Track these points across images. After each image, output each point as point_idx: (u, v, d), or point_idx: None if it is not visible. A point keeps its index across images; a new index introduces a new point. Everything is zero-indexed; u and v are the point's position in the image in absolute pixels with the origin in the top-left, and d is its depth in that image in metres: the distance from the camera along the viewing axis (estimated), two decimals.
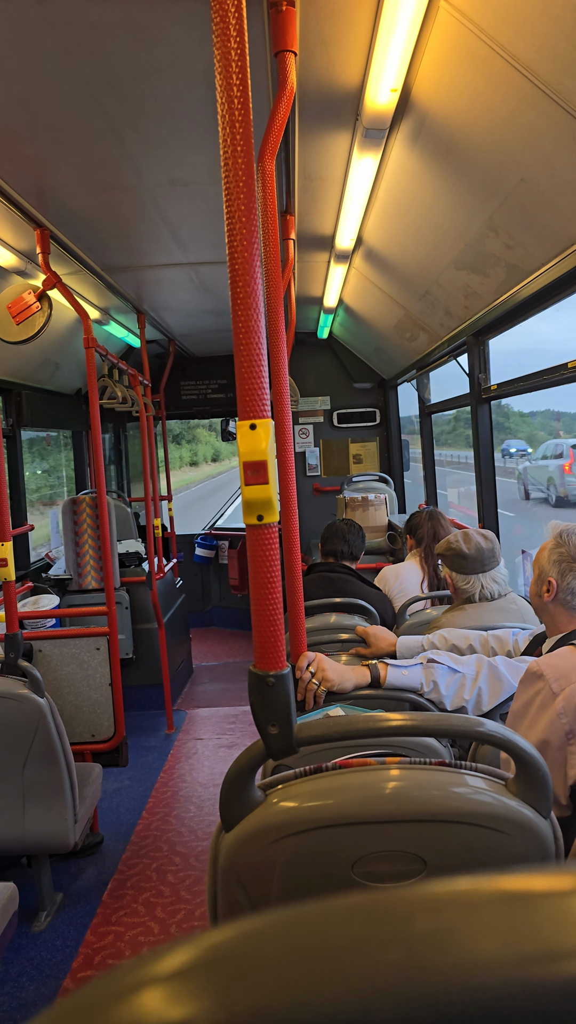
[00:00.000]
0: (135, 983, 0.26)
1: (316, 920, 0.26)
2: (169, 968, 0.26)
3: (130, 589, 5.35)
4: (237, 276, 1.03)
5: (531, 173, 2.30)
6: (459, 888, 0.27)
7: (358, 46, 2.13)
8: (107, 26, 1.97)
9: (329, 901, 0.27)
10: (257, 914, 0.28)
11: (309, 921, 0.26)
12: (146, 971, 0.26)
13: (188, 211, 3.44)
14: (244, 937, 0.26)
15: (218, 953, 0.26)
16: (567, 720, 1.58)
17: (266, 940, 0.26)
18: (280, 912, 0.27)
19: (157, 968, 0.26)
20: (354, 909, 0.27)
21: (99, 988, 0.26)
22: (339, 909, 0.27)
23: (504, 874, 0.28)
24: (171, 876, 3.35)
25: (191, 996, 0.24)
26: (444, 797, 1.13)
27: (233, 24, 1.03)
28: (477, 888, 0.27)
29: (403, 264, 3.92)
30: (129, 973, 0.26)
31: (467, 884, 0.27)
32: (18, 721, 2.78)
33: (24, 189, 3.01)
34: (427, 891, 0.27)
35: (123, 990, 0.25)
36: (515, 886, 0.27)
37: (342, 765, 1.18)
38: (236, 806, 1.15)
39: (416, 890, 0.27)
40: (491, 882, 0.27)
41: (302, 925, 0.26)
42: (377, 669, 2.00)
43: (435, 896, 0.27)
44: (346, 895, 0.27)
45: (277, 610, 1.16)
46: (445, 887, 0.27)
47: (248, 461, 1.07)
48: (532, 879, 0.27)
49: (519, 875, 0.28)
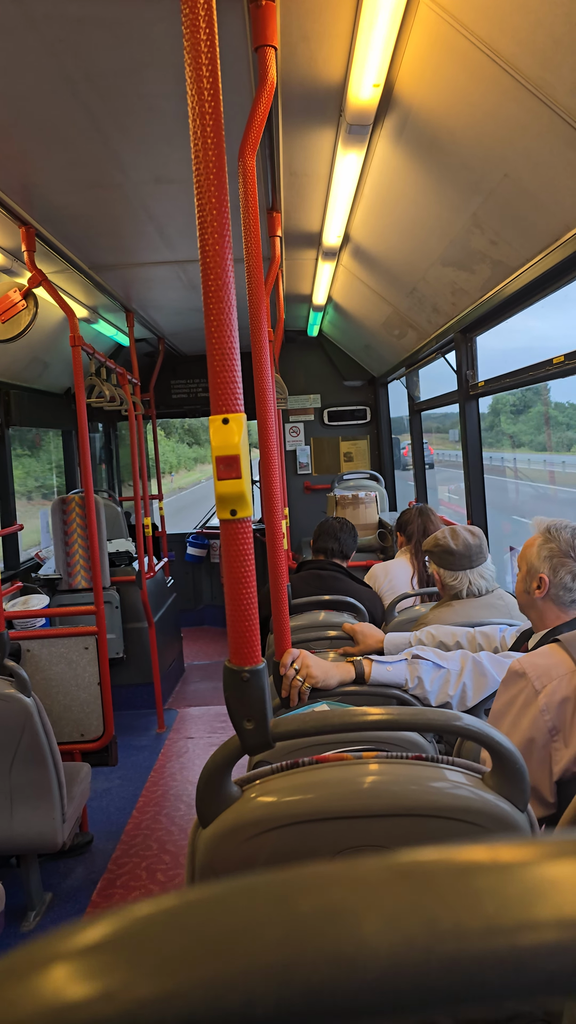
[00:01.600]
0: (39, 960, 0.25)
1: (210, 901, 0.26)
2: (81, 943, 0.26)
3: (120, 588, 5.34)
4: (208, 271, 1.03)
5: (514, 168, 2.30)
6: (349, 867, 0.27)
7: (340, 41, 2.12)
8: (88, 22, 1.96)
9: (227, 882, 0.27)
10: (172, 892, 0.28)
11: (205, 902, 0.26)
12: (56, 946, 0.26)
13: (174, 209, 3.43)
14: (149, 917, 0.26)
15: (127, 931, 0.26)
16: (550, 717, 1.58)
17: (166, 919, 0.26)
18: (187, 891, 0.27)
19: (68, 943, 0.26)
20: (244, 890, 0.26)
21: (6, 962, 0.26)
22: (232, 890, 0.26)
23: (401, 852, 0.27)
24: (161, 875, 3.35)
25: (95, 975, 0.24)
26: (421, 791, 1.13)
27: (203, 16, 1.02)
28: (368, 867, 0.27)
29: (390, 261, 3.92)
30: (37, 949, 0.26)
31: (360, 863, 0.27)
32: (5, 721, 2.77)
33: (8, 186, 3.00)
34: (316, 870, 0.27)
35: (23, 967, 0.25)
36: (406, 862, 0.27)
37: (319, 760, 1.17)
38: (212, 802, 1.15)
39: (306, 869, 0.27)
40: (383, 860, 0.27)
41: (198, 906, 0.26)
42: (362, 665, 2.00)
43: (323, 875, 0.26)
44: (242, 876, 0.27)
45: (252, 604, 1.16)
46: (336, 867, 0.27)
47: (221, 455, 1.07)
48: (426, 854, 0.27)
49: (415, 851, 0.27)
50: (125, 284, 4.76)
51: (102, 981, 0.24)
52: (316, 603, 3.00)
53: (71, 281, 4.47)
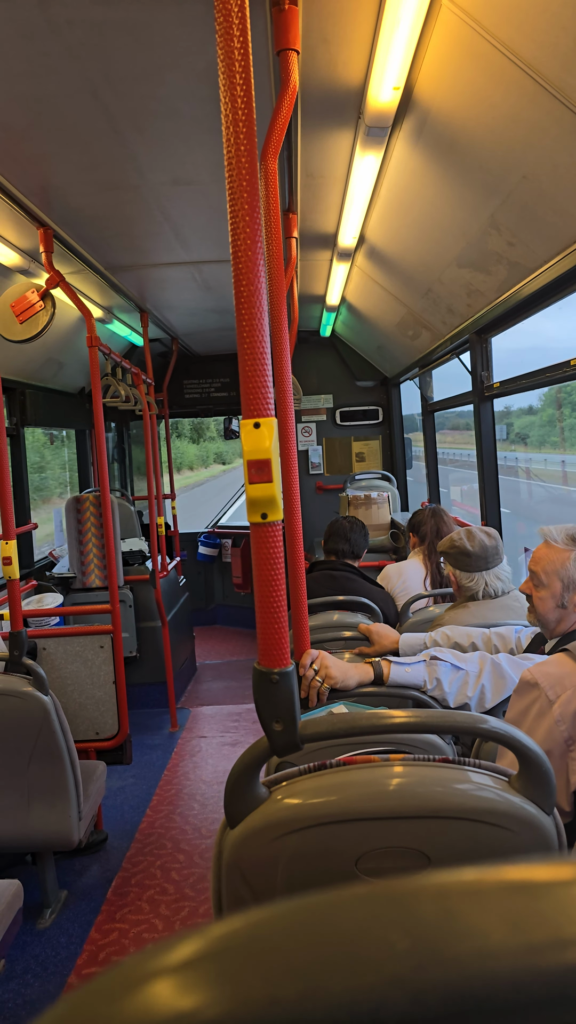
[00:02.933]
0: (144, 974, 0.26)
1: (322, 907, 0.27)
2: (177, 959, 0.26)
3: (134, 587, 5.36)
4: (241, 276, 1.04)
5: (533, 170, 2.30)
6: (464, 878, 0.27)
7: (360, 44, 2.13)
8: (109, 26, 1.98)
9: (334, 890, 0.28)
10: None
11: (315, 909, 0.27)
12: (154, 962, 0.27)
13: (191, 210, 3.45)
14: (252, 926, 0.27)
15: (226, 943, 0.26)
16: (565, 727, 1.58)
17: (274, 928, 0.27)
18: (286, 902, 0.28)
19: (165, 959, 0.27)
20: (359, 896, 0.27)
21: (108, 980, 0.26)
22: (345, 897, 0.27)
23: (506, 865, 0.28)
24: (175, 873, 3.36)
25: (200, 986, 0.25)
26: (447, 793, 1.14)
27: (236, 23, 1.03)
28: (481, 878, 0.27)
29: (405, 262, 3.92)
30: (137, 965, 0.27)
31: (471, 874, 0.28)
32: (23, 719, 2.79)
33: (27, 188, 3.02)
34: (432, 880, 0.28)
35: (133, 981, 0.26)
36: (519, 875, 0.27)
37: (346, 762, 1.18)
38: (240, 803, 1.16)
39: (421, 879, 0.28)
40: (495, 872, 0.28)
41: (308, 912, 0.27)
42: (380, 666, 2.01)
43: (440, 884, 0.27)
44: (350, 886, 0.28)
45: (281, 607, 1.17)
46: (450, 876, 0.28)
47: (252, 460, 1.08)
48: (535, 869, 0.28)
49: (521, 866, 0.28)
50: (140, 284, 4.78)
51: (230, 986, 0.25)
52: (330, 603, 3.01)
53: (87, 282, 4.49)
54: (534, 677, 1.68)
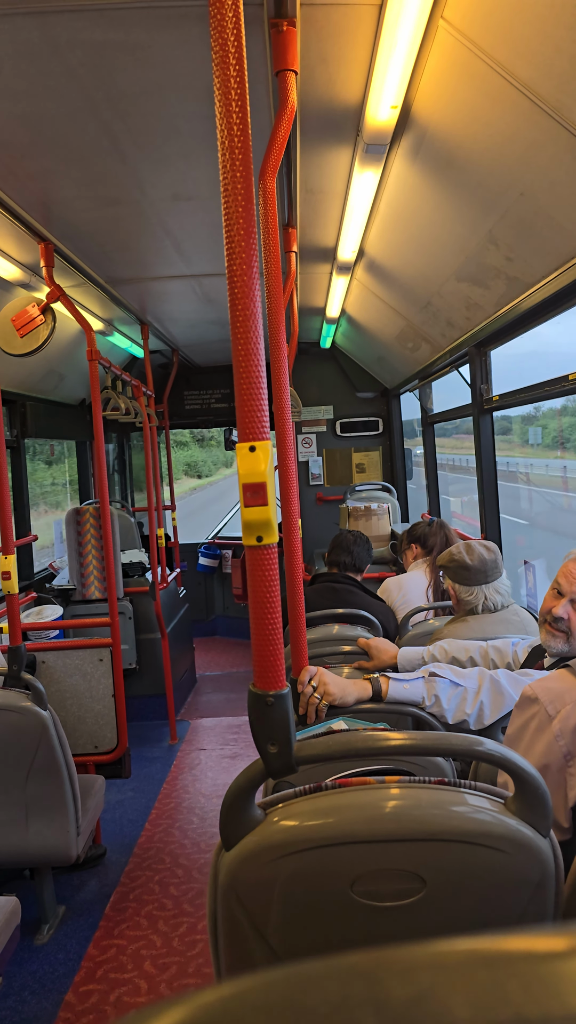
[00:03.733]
0: None
1: (294, 983, 0.27)
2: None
3: (133, 599, 5.36)
4: (236, 300, 1.04)
5: (530, 188, 2.32)
6: (433, 950, 0.28)
7: (358, 64, 2.14)
8: (109, 46, 1.99)
9: (309, 963, 0.28)
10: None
11: (289, 983, 0.27)
12: None
13: (191, 224, 3.46)
14: (226, 1001, 0.27)
15: (204, 1017, 0.27)
16: (564, 742, 1.58)
17: (246, 1005, 0.27)
18: (265, 973, 0.28)
19: None
20: (331, 972, 0.27)
21: None
22: (317, 971, 0.27)
23: (481, 936, 0.28)
24: (173, 889, 3.35)
25: None
26: (444, 816, 1.13)
27: (232, 46, 1.04)
28: (451, 950, 0.28)
29: (405, 276, 3.94)
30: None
31: (442, 946, 0.28)
32: (21, 734, 2.78)
33: (28, 204, 3.03)
34: (402, 954, 0.28)
35: None
36: (489, 948, 0.27)
37: (341, 784, 1.18)
38: (236, 825, 1.16)
39: (391, 952, 0.28)
40: (465, 944, 0.28)
41: (280, 989, 0.27)
42: (379, 683, 2.00)
43: (409, 959, 0.27)
44: (326, 958, 0.28)
45: (277, 630, 1.17)
46: (420, 949, 0.28)
47: (248, 483, 1.08)
48: (508, 941, 0.28)
49: (496, 937, 0.28)
50: (141, 297, 4.80)
51: None
52: (330, 616, 3.01)
53: (87, 295, 4.50)
54: (534, 692, 1.68)
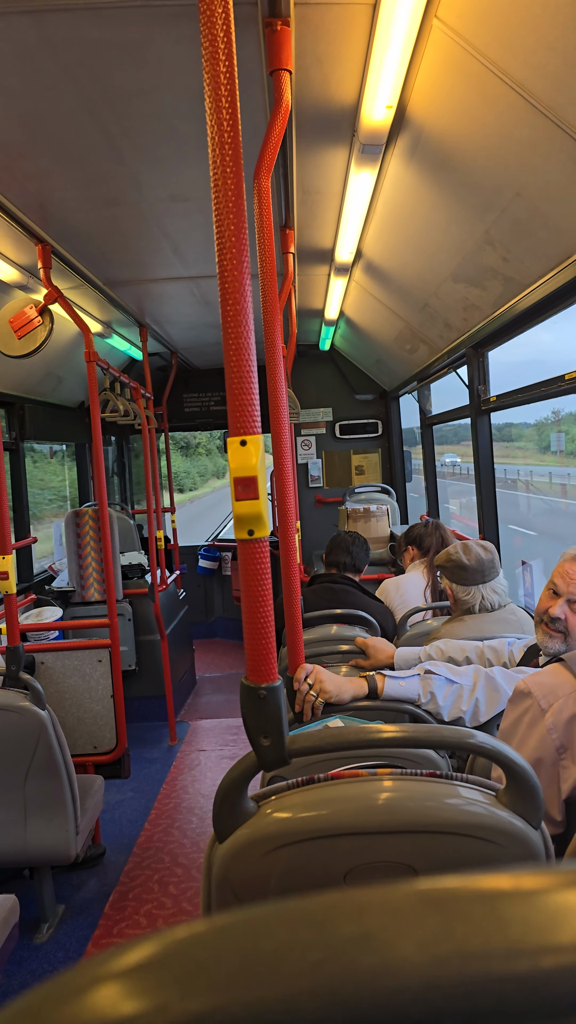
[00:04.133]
0: (91, 979, 0.27)
1: (252, 924, 0.28)
2: (123, 965, 0.27)
3: (133, 601, 5.37)
4: (227, 295, 1.05)
5: (526, 188, 2.33)
6: (383, 893, 0.28)
7: (353, 64, 2.15)
8: (105, 46, 2.00)
9: (266, 906, 0.29)
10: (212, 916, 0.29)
11: (246, 924, 0.28)
12: (101, 968, 0.28)
13: (188, 225, 3.47)
14: (182, 941, 0.28)
15: (170, 951, 0.27)
16: (557, 735, 1.59)
17: (203, 944, 0.27)
18: (220, 917, 0.29)
19: (111, 965, 0.28)
20: (283, 915, 0.28)
21: (54, 985, 0.27)
22: (272, 914, 0.28)
23: (432, 879, 0.29)
24: (173, 888, 3.35)
25: (145, 992, 0.26)
26: (436, 808, 1.14)
27: (222, 45, 1.05)
28: (400, 893, 0.28)
29: (402, 277, 3.95)
30: (88, 969, 0.28)
31: (392, 889, 0.29)
32: (20, 734, 2.79)
33: (25, 205, 3.04)
34: (353, 896, 0.28)
35: (77, 986, 0.27)
36: (437, 889, 0.28)
37: (334, 776, 1.19)
38: (229, 817, 1.16)
39: (343, 896, 0.29)
40: (415, 886, 0.28)
41: (240, 928, 0.28)
42: (375, 680, 2.01)
43: (360, 901, 0.28)
44: (282, 901, 0.29)
45: (269, 623, 1.17)
46: (371, 893, 0.29)
47: (239, 477, 1.09)
48: (457, 881, 0.29)
49: (443, 879, 0.29)
50: (139, 299, 4.81)
51: (154, 997, 0.26)
52: (328, 617, 3.01)
53: (86, 297, 4.52)
54: (527, 686, 1.68)
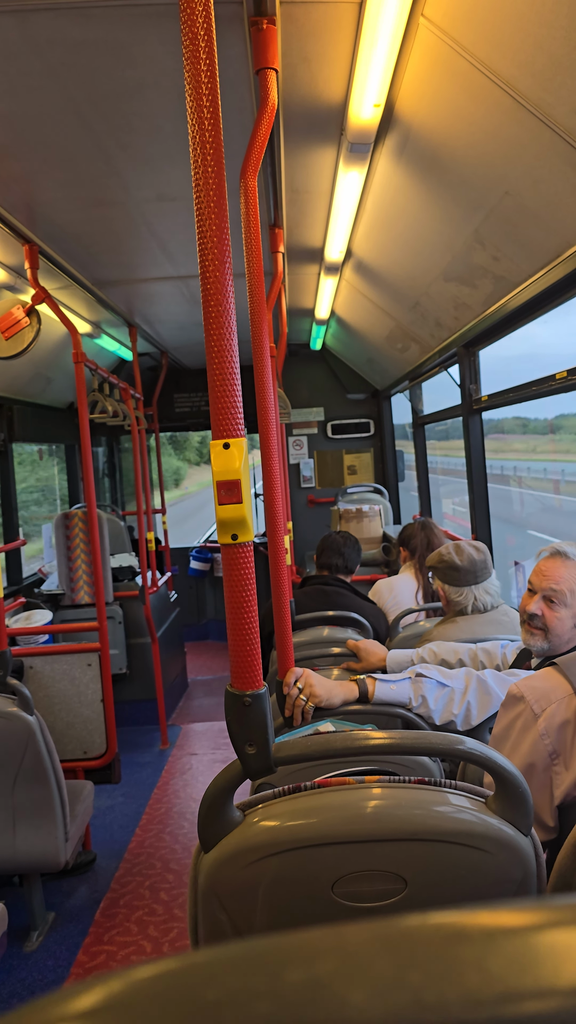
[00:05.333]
0: (45, 1021, 0.25)
1: (196, 973, 0.26)
2: (76, 1009, 0.26)
3: (123, 603, 5.34)
4: (209, 296, 1.03)
5: (515, 186, 2.31)
6: (338, 935, 0.27)
7: (340, 62, 2.14)
8: (89, 45, 1.98)
9: (212, 950, 0.27)
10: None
11: (189, 973, 0.26)
12: (47, 1013, 0.26)
13: (176, 225, 3.45)
14: (130, 990, 0.26)
15: (112, 1001, 0.26)
16: (550, 741, 1.57)
17: (147, 994, 0.26)
18: (168, 960, 0.27)
19: (59, 1009, 0.26)
20: (232, 960, 0.26)
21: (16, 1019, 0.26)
22: (219, 960, 0.26)
23: (390, 919, 0.27)
24: (164, 894, 3.32)
25: None
26: (424, 816, 1.12)
27: (203, 44, 1.03)
28: (356, 935, 0.27)
29: (392, 276, 3.93)
30: (41, 1011, 0.26)
31: (347, 931, 0.27)
32: (7, 739, 2.76)
33: (12, 205, 3.02)
34: (304, 939, 0.27)
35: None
36: (392, 930, 0.27)
37: (321, 784, 1.17)
38: (215, 826, 1.14)
39: (293, 937, 0.27)
40: (371, 928, 0.27)
41: (182, 977, 0.26)
42: (365, 684, 1.99)
43: (311, 945, 0.26)
44: (229, 944, 0.27)
45: (253, 628, 1.15)
46: (324, 934, 0.27)
47: (222, 480, 1.07)
48: (412, 921, 0.27)
49: (407, 917, 0.27)
50: (128, 299, 4.78)
51: None
52: (320, 619, 2.99)
53: (74, 297, 4.49)
54: (520, 691, 1.67)
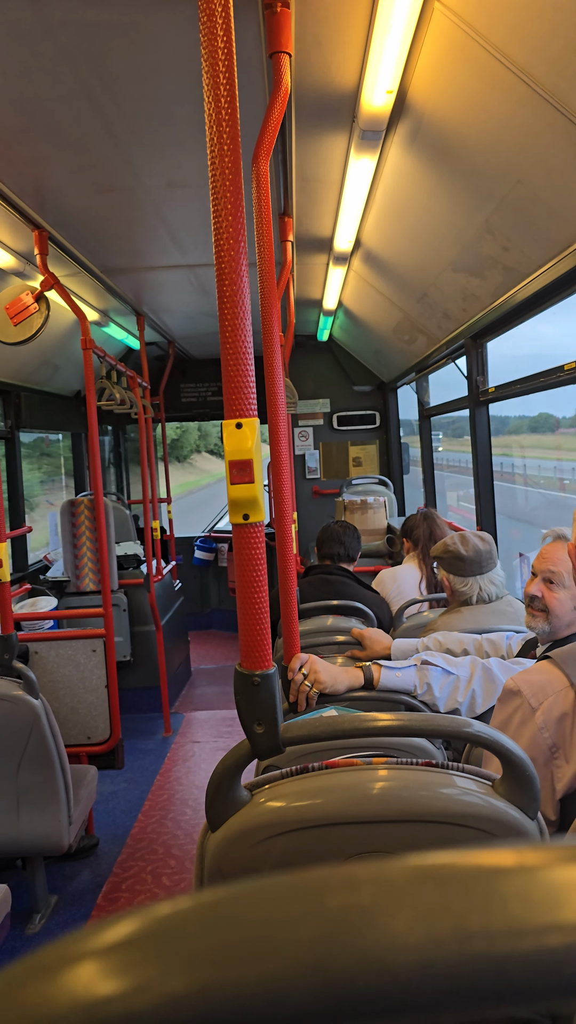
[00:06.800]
0: (66, 957, 0.26)
1: (234, 899, 0.26)
2: (104, 943, 0.26)
3: (128, 591, 5.35)
4: (224, 275, 1.03)
5: (527, 175, 2.30)
6: (378, 867, 0.27)
7: (353, 47, 2.13)
8: (103, 28, 1.97)
9: (256, 880, 0.27)
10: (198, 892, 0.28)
11: (232, 899, 0.26)
12: (83, 944, 0.26)
13: (186, 213, 3.45)
14: (165, 918, 0.26)
15: (151, 928, 0.26)
16: (549, 734, 1.57)
17: (186, 919, 0.26)
18: (205, 893, 0.27)
19: (92, 942, 0.26)
20: (274, 887, 0.27)
21: (26, 963, 0.26)
22: (261, 888, 0.27)
23: (428, 854, 0.28)
24: (166, 879, 3.34)
25: (123, 971, 0.24)
26: (431, 797, 1.13)
27: (220, 26, 1.03)
28: (396, 866, 0.27)
29: (401, 266, 3.92)
30: (63, 947, 0.26)
31: (387, 864, 0.27)
32: (12, 723, 2.77)
33: (22, 190, 3.01)
34: (345, 870, 0.27)
35: (51, 965, 0.25)
36: (435, 864, 0.27)
37: (329, 766, 1.17)
38: (222, 806, 1.15)
39: (336, 869, 0.27)
40: (412, 860, 0.27)
41: (225, 902, 0.26)
42: (370, 671, 2.00)
43: (352, 875, 0.27)
44: (271, 876, 0.27)
45: (264, 609, 1.16)
46: (365, 867, 0.27)
47: (234, 460, 1.07)
48: (456, 856, 0.27)
49: (445, 853, 0.28)
50: (136, 287, 4.78)
51: (134, 976, 0.24)
52: (324, 608, 3.00)
53: (82, 284, 4.48)
54: (516, 685, 1.67)
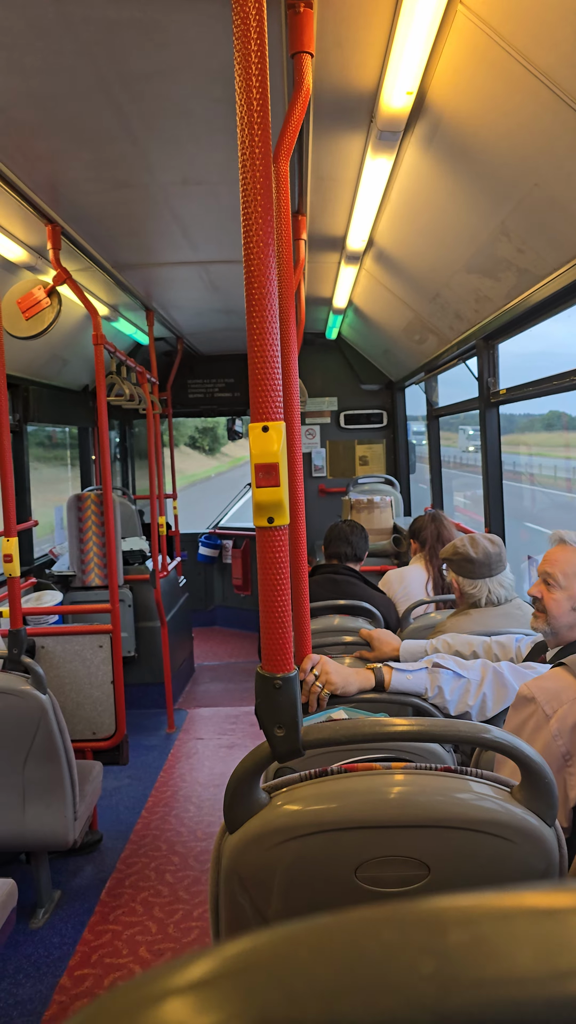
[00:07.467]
0: (158, 993, 0.25)
1: (347, 927, 0.26)
2: (191, 978, 0.26)
3: (133, 587, 5.35)
4: (253, 279, 1.03)
5: (545, 178, 2.30)
6: (489, 901, 0.27)
7: (374, 48, 2.12)
8: (123, 24, 1.97)
9: (357, 909, 0.27)
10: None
11: (340, 928, 0.26)
12: (167, 981, 0.26)
13: (200, 210, 3.44)
14: (274, 945, 0.26)
15: (246, 961, 0.26)
16: (563, 742, 1.57)
17: (298, 947, 0.26)
18: (309, 921, 0.27)
19: (178, 978, 0.26)
20: (385, 917, 0.26)
21: (121, 997, 0.26)
22: (371, 917, 0.26)
23: (525, 890, 0.27)
24: (169, 876, 3.35)
25: (220, 1005, 0.24)
26: (449, 803, 1.13)
27: (254, 26, 1.02)
28: (506, 902, 0.27)
29: (414, 266, 3.91)
30: (150, 982, 0.26)
31: (496, 898, 0.27)
32: (20, 717, 2.78)
33: (36, 185, 3.01)
34: (457, 902, 0.27)
35: (147, 999, 0.25)
36: (545, 901, 0.27)
37: (347, 769, 1.17)
38: (240, 808, 1.15)
39: (446, 900, 0.27)
40: (518, 896, 0.27)
41: (333, 932, 0.26)
42: (382, 673, 1.99)
43: (466, 907, 0.26)
44: (375, 904, 0.27)
45: (286, 612, 1.16)
46: (474, 899, 0.27)
47: (260, 463, 1.07)
48: (559, 895, 0.27)
49: (544, 890, 0.27)
50: (147, 283, 4.78)
51: (245, 1003, 0.24)
52: (331, 608, 3.00)
53: (93, 279, 4.48)
54: (531, 691, 1.66)
